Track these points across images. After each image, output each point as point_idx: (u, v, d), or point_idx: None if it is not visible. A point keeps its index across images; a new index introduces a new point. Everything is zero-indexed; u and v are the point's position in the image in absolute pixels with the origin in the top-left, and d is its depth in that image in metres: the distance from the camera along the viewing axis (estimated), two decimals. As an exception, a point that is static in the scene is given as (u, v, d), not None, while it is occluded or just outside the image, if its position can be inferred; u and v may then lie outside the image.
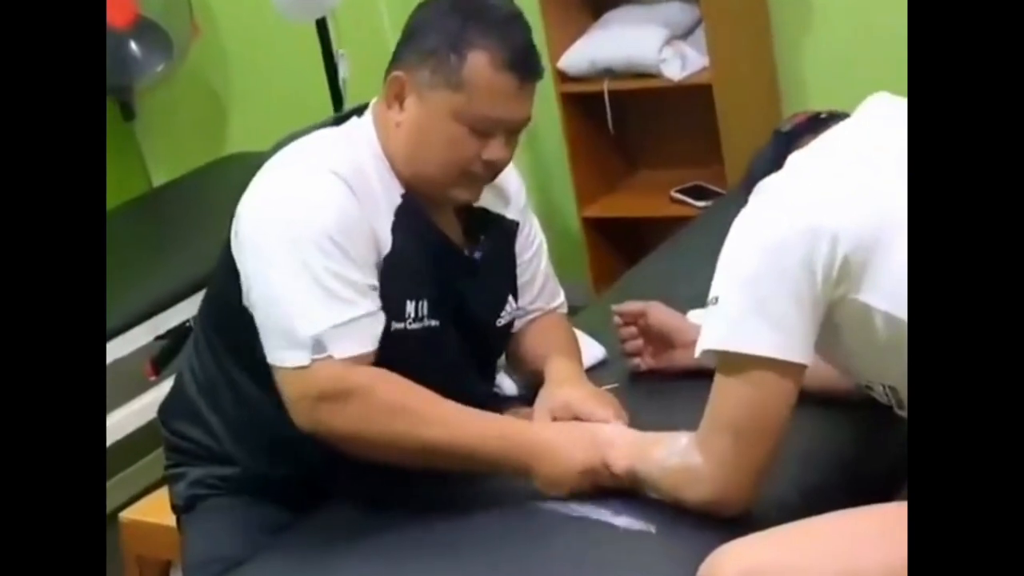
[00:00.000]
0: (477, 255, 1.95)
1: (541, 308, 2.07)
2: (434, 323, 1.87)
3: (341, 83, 3.66)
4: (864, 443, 1.87)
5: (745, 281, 1.57)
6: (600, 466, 1.74)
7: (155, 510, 2.45)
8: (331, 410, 1.74)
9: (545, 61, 3.20)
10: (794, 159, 1.65)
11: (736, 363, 1.58)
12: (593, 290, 3.70)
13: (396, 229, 1.81)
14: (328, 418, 1.74)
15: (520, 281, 2.03)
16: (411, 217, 1.84)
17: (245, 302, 1.81)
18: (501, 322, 1.99)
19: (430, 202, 1.88)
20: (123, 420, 3.16)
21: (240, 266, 1.81)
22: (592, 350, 2.11)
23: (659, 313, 2.03)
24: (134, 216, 3.95)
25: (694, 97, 3.49)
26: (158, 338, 3.22)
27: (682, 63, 3.50)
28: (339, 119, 1.91)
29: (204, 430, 1.97)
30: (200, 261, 2.63)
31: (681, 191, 3.61)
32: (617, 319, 2.09)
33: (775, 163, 1.70)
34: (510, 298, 2.01)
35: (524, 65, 1.78)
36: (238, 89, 4.35)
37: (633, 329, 2.07)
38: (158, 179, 4.52)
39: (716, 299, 1.60)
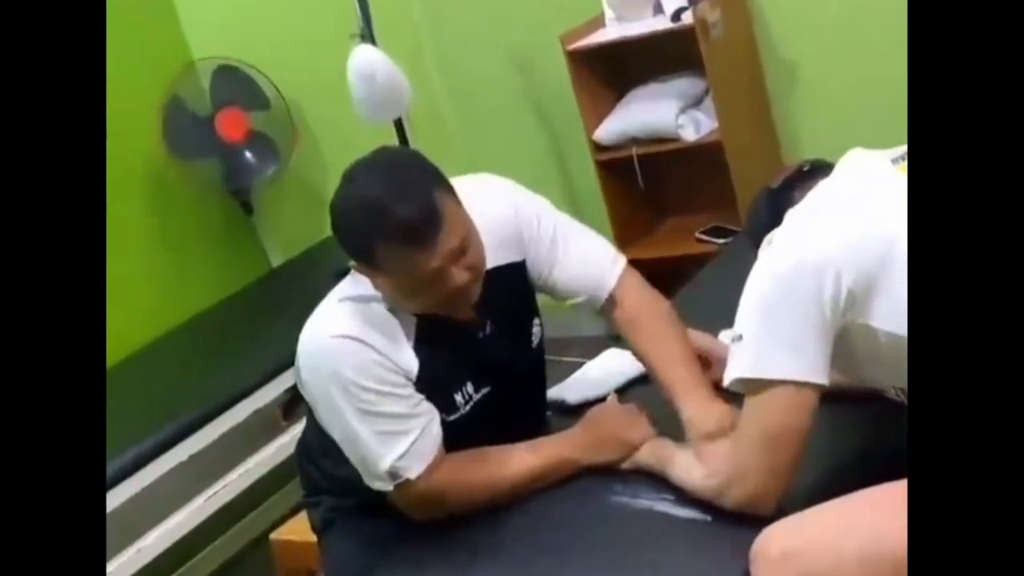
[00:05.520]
0: (486, 332, 1.86)
1: (596, 288, 1.92)
2: (485, 390, 1.87)
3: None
4: (873, 434, 1.85)
5: (764, 319, 1.57)
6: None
7: (297, 531, 2.55)
8: (429, 508, 1.86)
9: (581, 135, 3.67)
10: (792, 215, 1.64)
11: (762, 387, 1.57)
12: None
13: (418, 347, 1.77)
14: (432, 512, 1.86)
15: (555, 278, 1.92)
16: (430, 329, 1.79)
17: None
18: (535, 341, 1.98)
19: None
20: (265, 458, 3.38)
21: (312, 406, 1.86)
22: (639, 366, 2.13)
23: (695, 337, 2.01)
24: (259, 292, 4.22)
25: (708, 154, 3.50)
26: (287, 391, 3.35)
27: (696, 127, 3.54)
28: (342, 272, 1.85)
29: (325, 473, 2.05)
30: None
31: (704, 232, 3.65)
32: None
33: (770, 215, 1.68)
34: (535, 321, 1.98)
35: (416, 234, 1.65)
36: (333, 183, 3.37)
37: None
38: (276, 260, 4.64)
39: (740, 336, 1.59)
